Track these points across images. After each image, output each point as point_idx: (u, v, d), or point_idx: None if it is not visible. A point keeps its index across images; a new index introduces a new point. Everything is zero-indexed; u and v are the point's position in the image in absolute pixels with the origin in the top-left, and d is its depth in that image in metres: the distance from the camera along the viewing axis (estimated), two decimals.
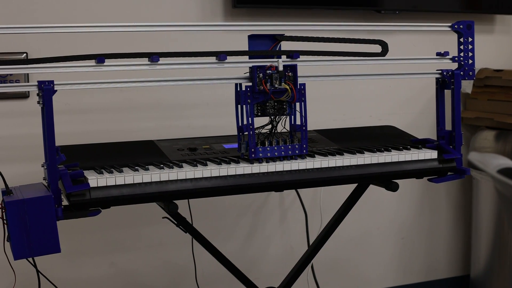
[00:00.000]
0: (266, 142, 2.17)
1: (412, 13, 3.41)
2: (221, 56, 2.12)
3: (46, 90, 1.90)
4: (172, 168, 2.06)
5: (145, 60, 2.06)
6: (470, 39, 2.44)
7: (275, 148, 2.17)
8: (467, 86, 3.50)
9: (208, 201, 2.95)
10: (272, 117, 2.22)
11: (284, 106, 2.22)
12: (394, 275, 3.68)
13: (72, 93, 2.79)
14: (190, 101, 3.06)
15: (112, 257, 3.06)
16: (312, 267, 3.36)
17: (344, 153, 2.31)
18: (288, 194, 3.31)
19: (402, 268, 3.70)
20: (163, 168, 2.05)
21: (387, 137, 2.63)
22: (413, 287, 3.73)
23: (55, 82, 1.92)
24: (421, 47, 3.44)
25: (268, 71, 2.15)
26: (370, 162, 2.28)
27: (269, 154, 2.16)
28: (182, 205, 2.21)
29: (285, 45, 2.33)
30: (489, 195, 3.38)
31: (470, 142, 3.53)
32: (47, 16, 2.80)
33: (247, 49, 2.26)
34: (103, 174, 1.98)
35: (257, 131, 2.18)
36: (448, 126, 2.47)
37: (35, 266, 2.30)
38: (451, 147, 2.43)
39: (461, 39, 2.44)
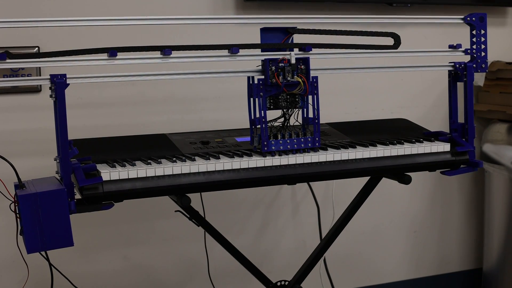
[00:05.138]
0: (279, 135, 2.16)
1: (423, 6, 3.40)
2: (233, 49, 2.12)
3: (59, 83, 1.89)
4: (185, 161, 2.06)
5: (157, 54, 2.05)
6: (482, 32, 2.43)
7: (288, 141, 2.16)
8: (479, 79, 3.48)
9: (220, 195, 2.95)
10: (284, 110, 2.21)
11: (297, 99, 2.21)
12: (406, 268, 3.68)
13: (85, 87, 2.79)
14: (202, 95, 3.06)
15: (124, 251, 3.07)
16: (324, 260, 3.36)
17: (357, 146, 2.30)
18: (300, 187, 3.31)
19: (414, 261, 3.69)
20: (176, 162, 2.05)
21: (400, 130, 2.63)
22: (425, 280, 3.73)
23: (67, 76, 1.92)
24: (433, 40, 3.43)
25: (280, 64, 2.14)
26: (382, 155, 2.28)
27: (281, 147, 2.15)
28: (194, 199, 2.21)
29: (297, 38, 2.32)
30: (501, 188, 3.37)
31: (482, 135, 3.52)
32: (59, 9, 2.80)
33: (259, 42, 2.26)
34: (115, 167, 1.98)
35: (269, 124, 2.18)
36: (461, 119, 2.46)
37: (48, 259, 2.30)
38: (463, 140, 2.43)
39: (474, 32, 2.43)
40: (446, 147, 2.37)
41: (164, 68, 2.15)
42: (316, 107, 2.19)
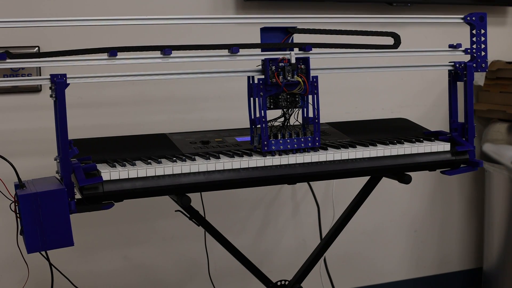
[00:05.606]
0: (279, 134, 2.16)
1: (423, 5, 3.40)
2: (233, 48, 2.12)
3: (59, 83, 1.90)
4: (185, 161, 2.06)
5: (157, 53, 2.05)
6: (482, 31, 2.43)
7: (288, 140, 2.16)
8: (479, 78, 3.48)
9: (220, 194, 2.95)
10: (284, 109, 2.21)
11: (297, 99, 2.21)
12: (406, 268, 3.68)
13: (85, 87, 2.79)
14: (202, 94, 3.06)
15: (124, 251, 3.07)
16: (324, 260, 3.36)
17: (357, 146, 2.30)
18: (300, 187, 3.31)
19: (414, 261, 3.69)
20: (176, 161, 2.05)
21: (400, 129, 2.63)
22: (425, 280, 3.73)
23: (67, 76, 1.92)
24: (433, 39, 3.43)
25: (280, 64, 2.14)
26: (383, 155, 2.27)
27: (281, 147, 2.15)
28: (195, 198, 2.21)
29: (297, 38, 2.32)
30: (501, 187, 3.37)
31: (482, 134, 3.52)
32: (59, 9, 2.80)
33: (259, 42, 2.25)
34: (116, 167, 1.98)
35: (269, 123, 2.18)
36: (461, 119, 2.46)
37: (48, 259, 2.30)
38: (464, 139, 2.43)
39: (474, 31, 2.43)
40: (446, 146, 2.37)
41: (164, 68, 2.15)
42: (316, 107, 2.19)
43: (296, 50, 2.22)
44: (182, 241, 3.15)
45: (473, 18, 2.41)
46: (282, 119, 2.22)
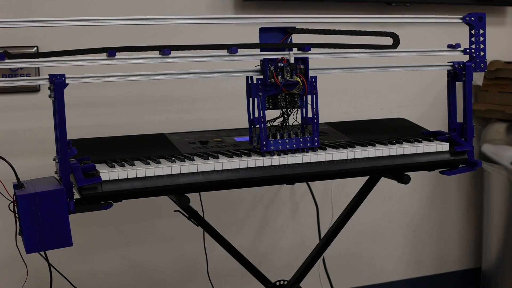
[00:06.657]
0: (278, 134, 2.16)
1: (422, 5, 3.40)
2: (232, 49, 2.12)
3: (58, 83, 1.89)
4: (184, 161, 2.06)
5: (156, 53, 2.05)
6: (481, 31, 2.43)
7: (287, 141, 2.16)
8: (478, 78, 3.48)
9: (219, 194, 2.95)
10: (283, 109, 2.21)
11: (296, 99, 2.21)
12: (405, 267, 3.68)
13: (83, 87, 2.79)
14: (201, 94, 3.06)
15: (123, 251, 3.06)
16: (323, 260, 3.35)
17: (356, 146, 2.30)
18: (299, 187, 3.31)
19: (413, 260, 3.69)
20: (175, 161, 2.05)
21: (399, 129, 2.62)
22: (424, 279, 3.73)
23: (66, 76, 1.92)
24: (432, 39, 3.43)
25: (279, 64, 2.14)
26: (381, 155, 2.27)
27: (280, 147, 2.15)
28: (193, 198, 2.21)
29: (296, 38, 2.32)
30: (500, 187, 3.38)
31: (481, 134, 3.52)
32: (58, 9, 2.80)
33: (258, 42, 2.25)
34: (114, 167, 1.98)
35: (268, 124, 2.18)
36: (460, 119, 2.46)
37: (47, 259, 2.30)
38: (462, 139, 2.43)
39: (472, 31, 2.43)
40: (445, 146, 2.37)
41: (163, 68, 2.14)
42: (315, 107, 2.19)
43: (295, 50, 2.22)
44: (181, 241, 3.14)
45: (472, 18, 2.41)
46: (281, 119, 2.22)
